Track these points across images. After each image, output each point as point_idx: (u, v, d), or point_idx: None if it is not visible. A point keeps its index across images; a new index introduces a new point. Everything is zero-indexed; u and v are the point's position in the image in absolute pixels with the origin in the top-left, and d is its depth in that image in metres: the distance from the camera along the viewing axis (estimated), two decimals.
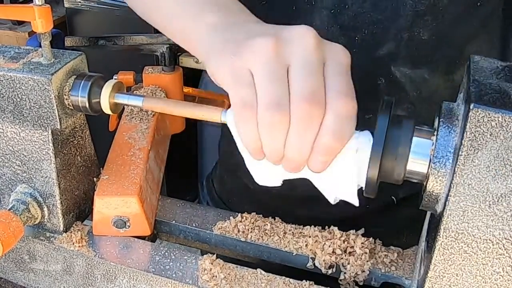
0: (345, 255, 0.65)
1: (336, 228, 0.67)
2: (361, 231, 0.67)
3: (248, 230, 0.69)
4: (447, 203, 0.45)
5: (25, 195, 0.65)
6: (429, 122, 0.50)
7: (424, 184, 0.47)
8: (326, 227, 0.68)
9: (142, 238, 0.69)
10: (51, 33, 0.59)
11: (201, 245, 0.72)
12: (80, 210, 0.70)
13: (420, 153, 0.47)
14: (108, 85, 0.60)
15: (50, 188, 0.64)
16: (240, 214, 0.71)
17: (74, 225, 0.69)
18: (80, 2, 2.08)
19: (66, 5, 2.12)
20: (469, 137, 0.42)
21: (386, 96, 0.49)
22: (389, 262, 0.65)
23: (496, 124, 0.41)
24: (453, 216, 0.45)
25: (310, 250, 0.66)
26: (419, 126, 0.48)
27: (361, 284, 0.64)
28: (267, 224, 0.70)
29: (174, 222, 0.73)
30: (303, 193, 0.66)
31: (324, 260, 0.65)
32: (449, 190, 0.44)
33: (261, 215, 0.71)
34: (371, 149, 0.47)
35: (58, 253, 0.67)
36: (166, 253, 0.65)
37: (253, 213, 0.71)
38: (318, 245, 0.66)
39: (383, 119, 0.47)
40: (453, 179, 0.44)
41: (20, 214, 0.63)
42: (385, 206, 0.82)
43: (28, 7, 0.57)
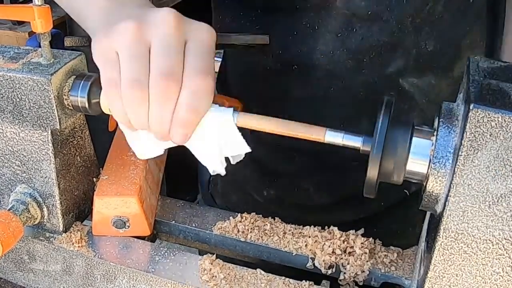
0: (345, 255, 0.65)
1: (336, 228, 0.67)
2: (361, 231, 0.67)
3: (248, 230, 0.69)
4: (447, 203, 0.45)
5: (25, 195, 0.65)
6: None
7: (424, 184, 0.47)
8: (326, 227, 0.68)
9: (142, 238, 0.69)
10: (51, 33, 0.59)
11: (200, 245, 0.72)
12: (79, 210, 0.70)
13: (420, 153, 0.47)
14: None
15: (50, 188, 0.64)
16: (239, 214, 0.71)
17: (73, 225, 0.69)
18: None
19: None
20: (469, 138, 0.42)
21: (388, 97, 0.49)
22: (389, 262, 0.65)
23: (496, 124, 0.41)
24: (453, 217, 0.45)
25: (310, 250, 0.66)
26: (418, 127, 0.48)
27: (361, 284, 0.64)
28: (267, 224, 0.70)
29: (173, 222, 0.73)
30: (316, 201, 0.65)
31: (323, 260, 0.65)
32: (449, 191, 0.44)
33: (261, 215, 0.71)
34: (371, 149, 0.47)
35: (58, 253, 0.67)
36: (166, 253, 0.65)
37: (252, 213, 0.71)
38: (318, 245, 0.66)
39: (383, 120, 0.47)
40: (453, 179, 0.44)
41: (19, 214, 0.63)
42: (386, 208, 0.82)
43: (27, 7, 0.57)
